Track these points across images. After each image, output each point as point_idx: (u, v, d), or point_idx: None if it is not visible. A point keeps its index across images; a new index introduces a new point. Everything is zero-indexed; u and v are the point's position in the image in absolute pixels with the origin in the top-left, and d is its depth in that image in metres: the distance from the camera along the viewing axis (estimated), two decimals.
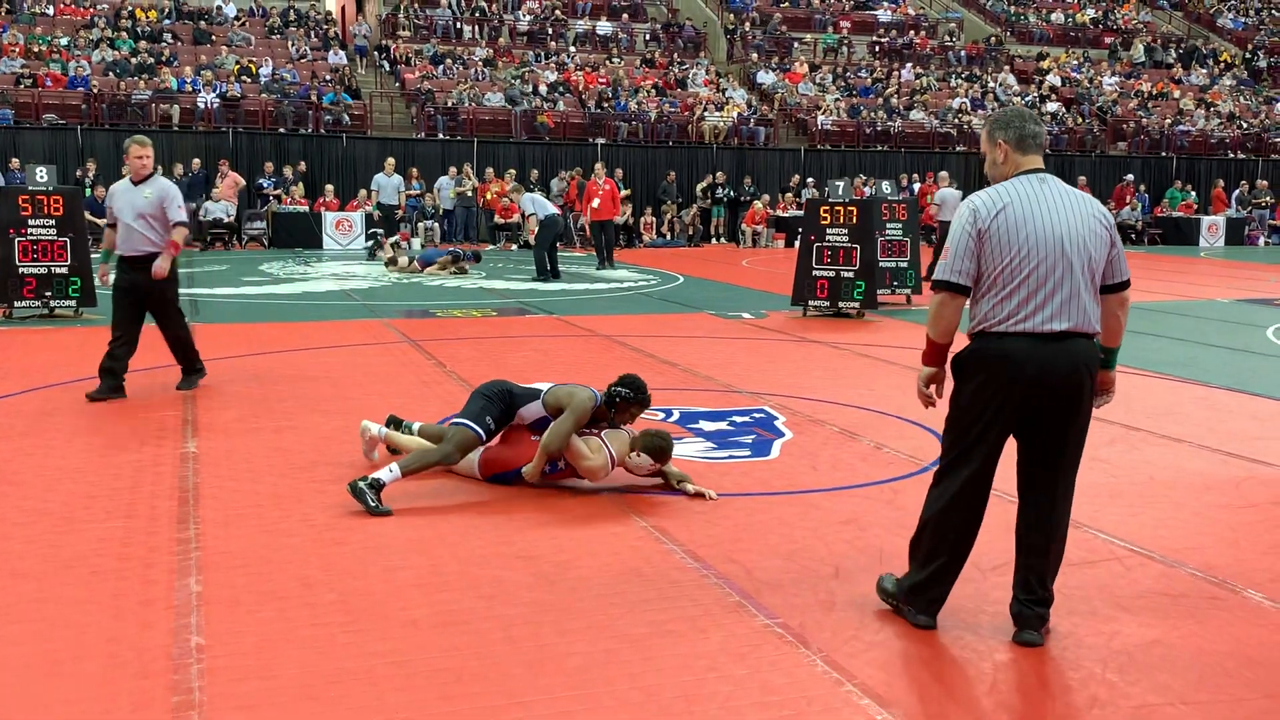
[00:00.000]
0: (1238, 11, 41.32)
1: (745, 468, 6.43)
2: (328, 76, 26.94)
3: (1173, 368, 10.00)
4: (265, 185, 23.84)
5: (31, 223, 12.09)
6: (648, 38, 32.67)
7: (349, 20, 33.81)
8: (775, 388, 8.77)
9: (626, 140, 27.13)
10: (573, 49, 31.00)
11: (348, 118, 25.58)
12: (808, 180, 27.19)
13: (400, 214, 23.49)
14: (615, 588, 4.50)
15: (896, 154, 28.89)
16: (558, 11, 32.48)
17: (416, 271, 18.03)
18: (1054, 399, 3.93)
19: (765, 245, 26.10)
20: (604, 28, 32.21)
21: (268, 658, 3.81)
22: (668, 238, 26.06)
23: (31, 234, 12.07)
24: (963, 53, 34.80)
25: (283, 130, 24.90)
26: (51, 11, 28.01)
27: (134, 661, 3.77)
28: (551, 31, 31.60)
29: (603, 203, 19.62)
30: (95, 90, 24.17)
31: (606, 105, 27.66)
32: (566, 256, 20.91)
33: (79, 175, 21.68)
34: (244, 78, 25.96)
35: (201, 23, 28.65)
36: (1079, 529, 5.11)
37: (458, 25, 31.05)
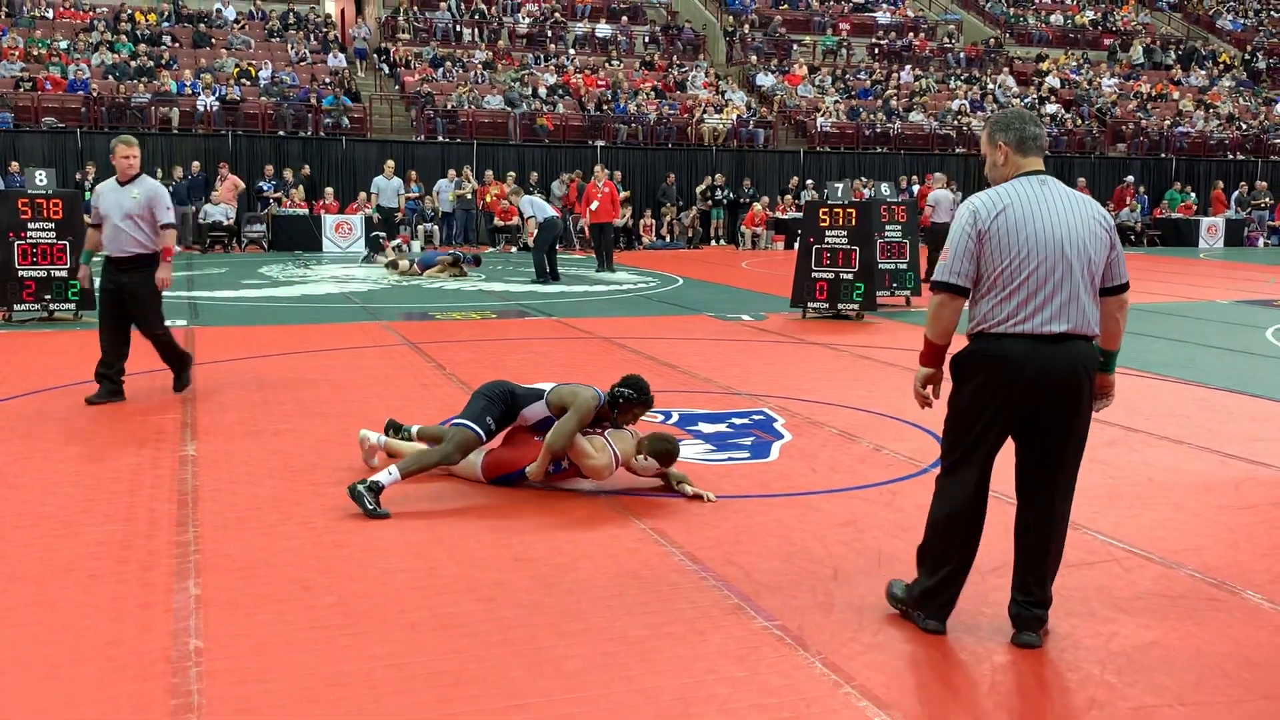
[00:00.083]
0: (1237, 13, 41.36)
1: (744, 469, 6.43)
2: (327, 79, 26.96)
3: (1172, 369, 10.01)
4: (265, 188, 23.86)
5: (31, 226, 12.09)
6: (647, 40, 32.70)
7: (348, 23, 33.83)
8: (774, 390, 8.77)
9: (626, 143, 27.15)
10: (572, 51, 31.02)
11: (347, 120, 25.60)
12: (807, 182, 27.21)
13: (400, 217, 23.51)
14: (614, 590, 4.50)
15: (896, 156, 28.91)
16: (557, 14, 32.50)
17: (416, 274, 18.03)
18: (1052, 400, 3.93)
19: (765, 247, 26.11)
20: (603, 30, 32.23)
21: (266, 661, 3.81)
22: (667, 240, 26.07)
23: (31, 237, 12.07)
24: (962, 54, 34.81)
25: (282, 133, 24.93)
26: (51, 15, 28.04)
27: (133, 664, 3.77)
28: (551, 34, 31.62)
29: (602, 205, 19.63)
30: (95, 93, 24.21)
31: (606, 108, 27.67)
32: (566, 259, 20.91)
33: (78, 178, 21.70)
34: (243, 81, 25.98)
35: (201, 26, 28.68)
36: (1077, 530, 5.11)
37: (457, 28, 31.08)
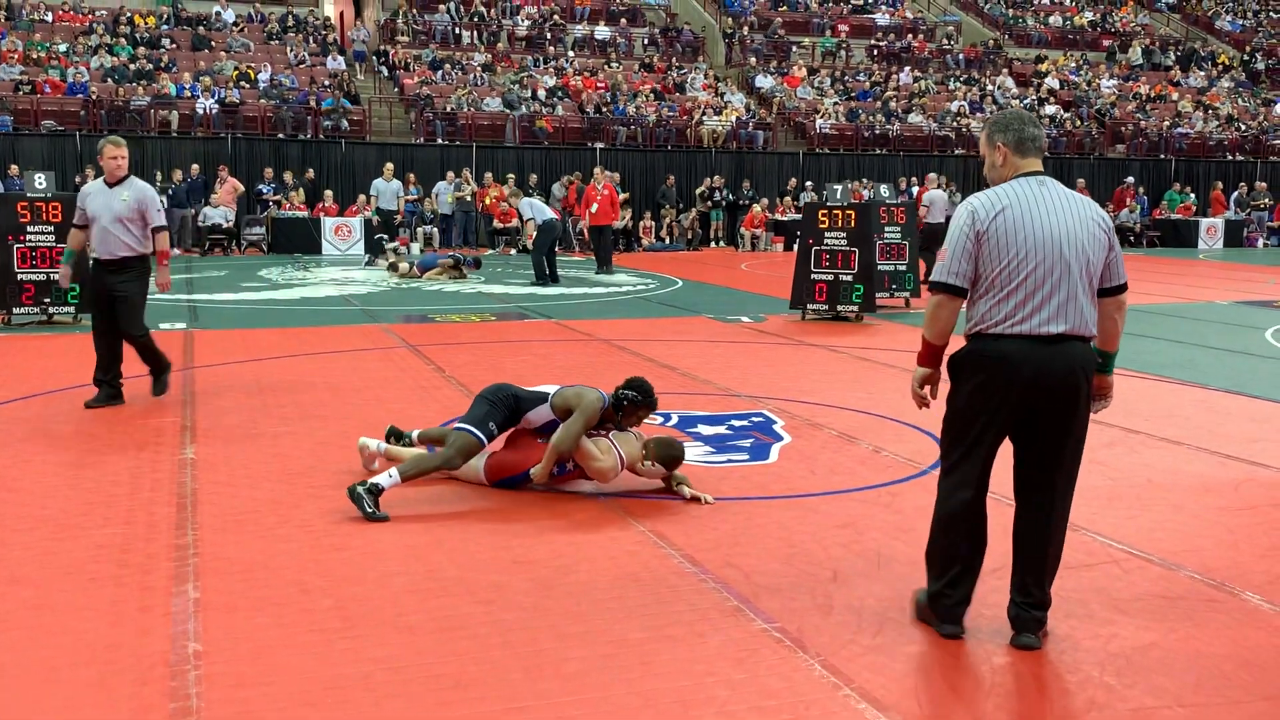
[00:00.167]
0: (1235, 14, 41.37)
1: (743, 471, 6.43)
2: (326, 82, 26.97)
3: (1171, 370, 10.01)
4: (264, 191, 23.87)
5: (30, 229, 12.09)
6: (646, 42, 32.71)
7: (348, 26, 33.84)
8: (774, 391, 8.77)
9: (625, 145, 27.16)
10: (571, 54, 31.03)
11: (346, 123, 25.60)
12: (806, 184, 27.21)
13: (399, 219, 23.51)
14: (613, 592, 4.50)
15: (895, 157, 28.92)
16: (556, 16, 32.51)
17: (415, 277, 18.03)
18: (1050, 401, 3.93)
19: (764, 249, 26.11)
20: (602, 32, 32.24)
21: (265, 664, 3.81)
22: (666, 241, 26.07)
23: (30, 240, 12.07)
24: (961, 56, 34.82)
25: (281, 136, 24.94)
26: (50, 18, 28.05)
27: (132, 668, 3.77)
28: (550, 36, 31.63)
29: (601, 207, 19.63)
30: (94, 96, 24.21)
31: (605, 110, 27.68)
32: (565, 261, 20.91)
33: (78, 181, 21.64)
34: (243, 83, 25.99)
35: (200, 29, 28.69)
36: (1076, 531, 5.11)
37: (456, 30, 31.09)
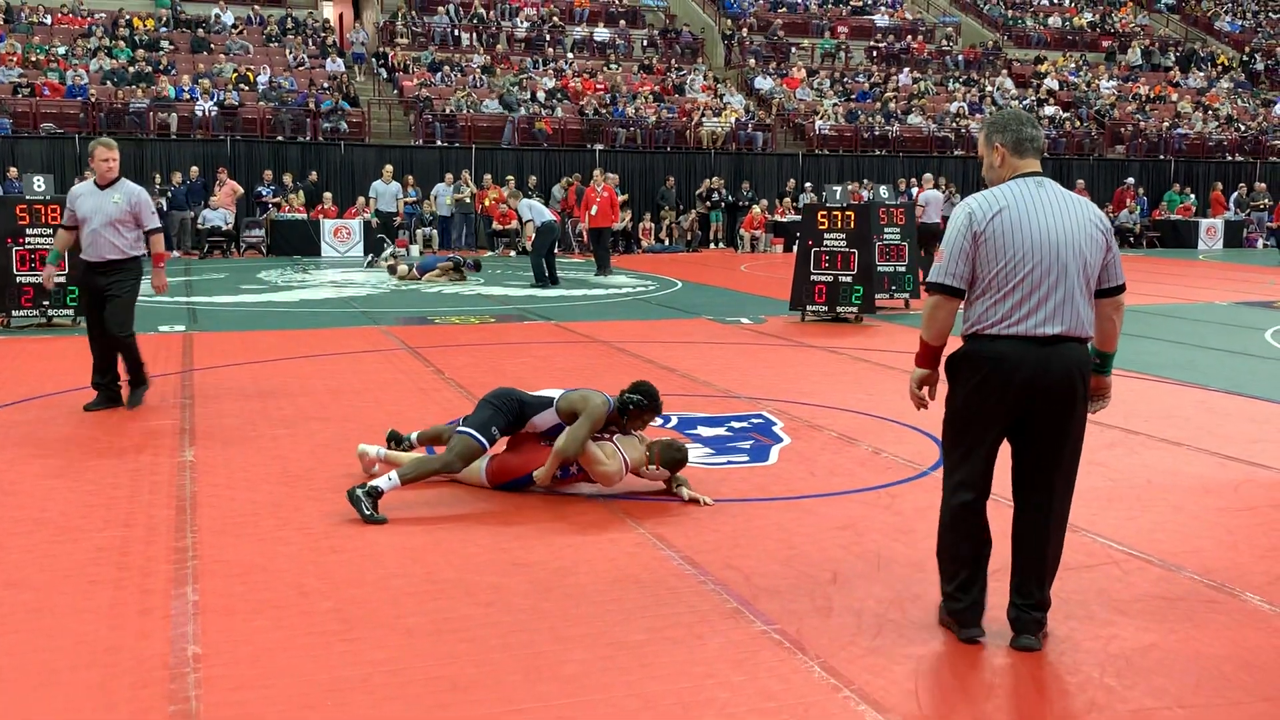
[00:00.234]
0: (1235, 14, 41.39)
1: (743, 473, 6.42)
2: (325, 84, 26.96)
3: (1171, 371, 10.00)
4: (264, 193, 23.87)
5: (29, 232, 12.08)
6: (645, 44, 32.71)
7: (347, 28, 33.85)
8: (773, 393, 8.77)
9: (624, 146, 27.16)
10: (570, 55, 31.03)
11: (345, 125, 25.61)
12: (805, 185, 27.21)
13: (398, 221, 23.51)
14: (612, 594, 4.50)
15: (894, 158, 28.93)
16: (555, 18, 32.51)
17: (415, 279, 18.03)
18: (1047, 402, 3.93)
19: (763, 250, 26.11)
20: (601, 34, 32.25)
21: (264, 667, 3.81)
22: (666, 243, 26.06)
23: (29, 243, 12.07)
24: (960, 57, 34.83)
25: (281, 138, 24.93)
26: (49, 20, 28.05)
27: (132, 671, 3.77)
28: (549, 38, 31.63)
29: (600, 209, 19.62)
30: (93, 99, 24.21)
31: (604, 111, 27.68)
32: (565, 263, 20.90)
33: (76, 184, 21.66)
34: (242, 86, 25.99)
35: (199, 31, 28.70)
36: (1076, 532, 5.11)
37: (455, 32, 31.09)
